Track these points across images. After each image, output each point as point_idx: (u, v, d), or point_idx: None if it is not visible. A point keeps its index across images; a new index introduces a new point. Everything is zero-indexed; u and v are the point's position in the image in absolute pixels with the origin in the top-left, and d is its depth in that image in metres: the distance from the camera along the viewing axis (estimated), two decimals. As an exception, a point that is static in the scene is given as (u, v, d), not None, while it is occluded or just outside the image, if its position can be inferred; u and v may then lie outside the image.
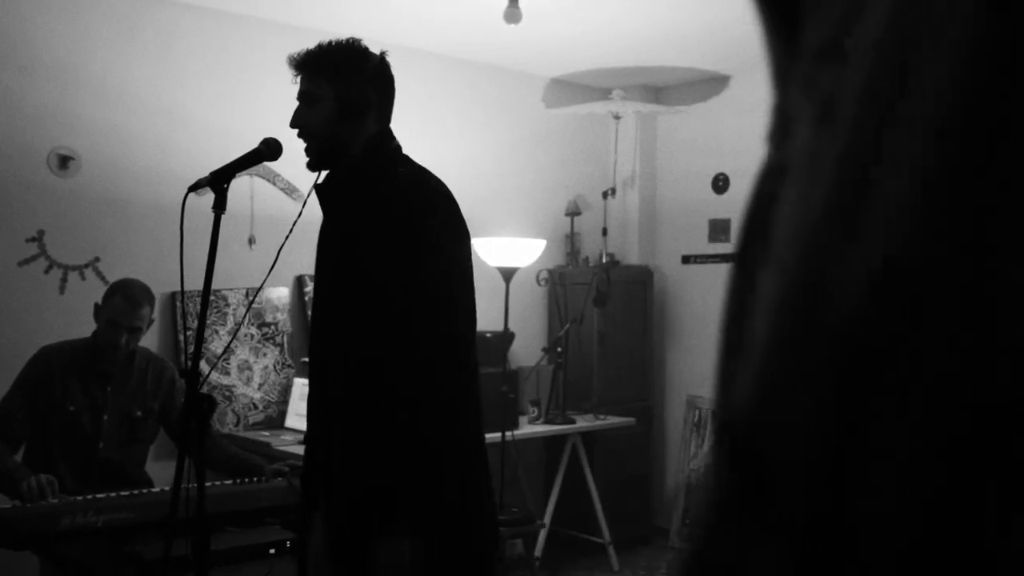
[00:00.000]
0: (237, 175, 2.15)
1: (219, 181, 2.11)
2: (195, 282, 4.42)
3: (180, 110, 4.43)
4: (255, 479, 3.21)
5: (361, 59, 2.23)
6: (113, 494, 3.02)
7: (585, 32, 5.00)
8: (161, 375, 3.53)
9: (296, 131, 2.22)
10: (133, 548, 2.76)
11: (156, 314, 3.52)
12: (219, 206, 2.10)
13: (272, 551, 2.86)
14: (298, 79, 2.25)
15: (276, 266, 4.60)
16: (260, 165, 2.26)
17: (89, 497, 2.96)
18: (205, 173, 4.43)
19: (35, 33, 4.03)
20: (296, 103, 2.25)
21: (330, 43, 2.23)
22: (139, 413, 3.42)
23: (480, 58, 5.48)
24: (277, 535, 2.94)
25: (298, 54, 2.23)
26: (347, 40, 2.25)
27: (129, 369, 3.42)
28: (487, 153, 5.51)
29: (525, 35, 5.04)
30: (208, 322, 4.46)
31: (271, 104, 4.64)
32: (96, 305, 3.41)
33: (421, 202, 2.14)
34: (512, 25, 3.69)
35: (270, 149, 2.19)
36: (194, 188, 2.11)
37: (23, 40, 4.00)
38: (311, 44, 2.24)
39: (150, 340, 4.16)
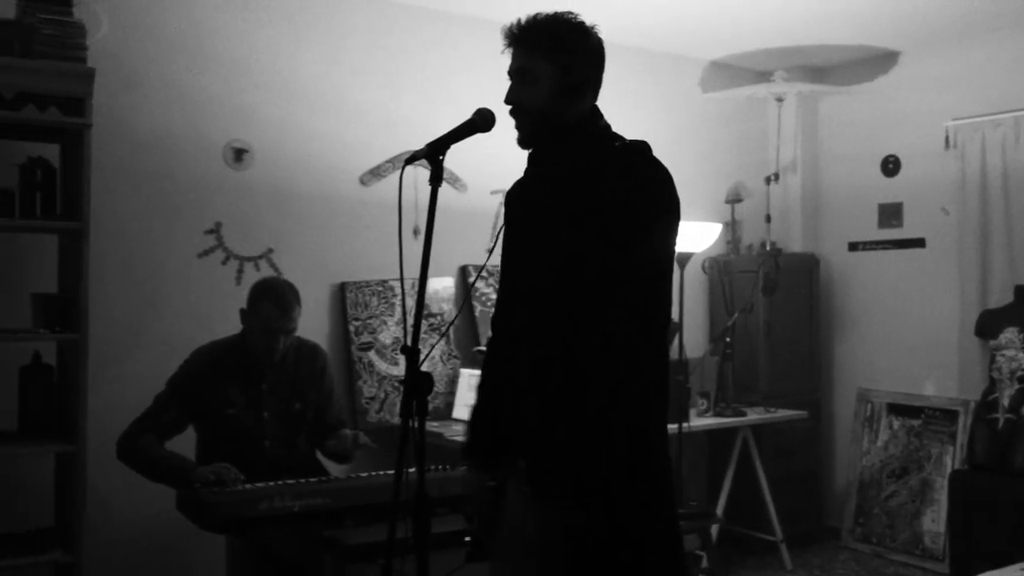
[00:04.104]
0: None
1: (435, 153, 2.05)
2: (361, 272, 4.47)
3: (347, 102, 4.44)
4: (435, 467, 3.14)
5: (581, 35, 2.14)
6: (303, 480, 3.02)
7: (744, 11, 4.81)
8: (314, 360, 3.47)
9: (509, 108, 2.14)
10: (331, 533, 2.74)
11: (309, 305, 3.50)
12: (436, 179, 2.05)
13: (468, 539, 2.79)
14: (508, 52, 2.17)
15: (439, 257, 4.61)
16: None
17: (283, 483, 2.96)
18: (371, 165, 4.51)
19: (207, 29, 4.10)
20: (508, 79, 2.16)
21: (548, 16, 2.13)
22: (298, 406, 3.39)
23: (635, 42, 5.34)
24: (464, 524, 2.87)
25: (514, 27, 2.13)
26: (565, 13, 2.15)
27: (282, 364, 3.37)
28: (642, 139, 5.36)
29: (682, 17, 4.88)
30: (377, 312, 4.49)
31: (438, 93, 4.62)
32: (242, 311, 3.37)
33: (638, 178, 2.05)
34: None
35: (484, 120, 2.11)
36: (411, 160, 2.06)
37: (196, 37, 4.07)
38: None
39: (319, 333, 4.19)
